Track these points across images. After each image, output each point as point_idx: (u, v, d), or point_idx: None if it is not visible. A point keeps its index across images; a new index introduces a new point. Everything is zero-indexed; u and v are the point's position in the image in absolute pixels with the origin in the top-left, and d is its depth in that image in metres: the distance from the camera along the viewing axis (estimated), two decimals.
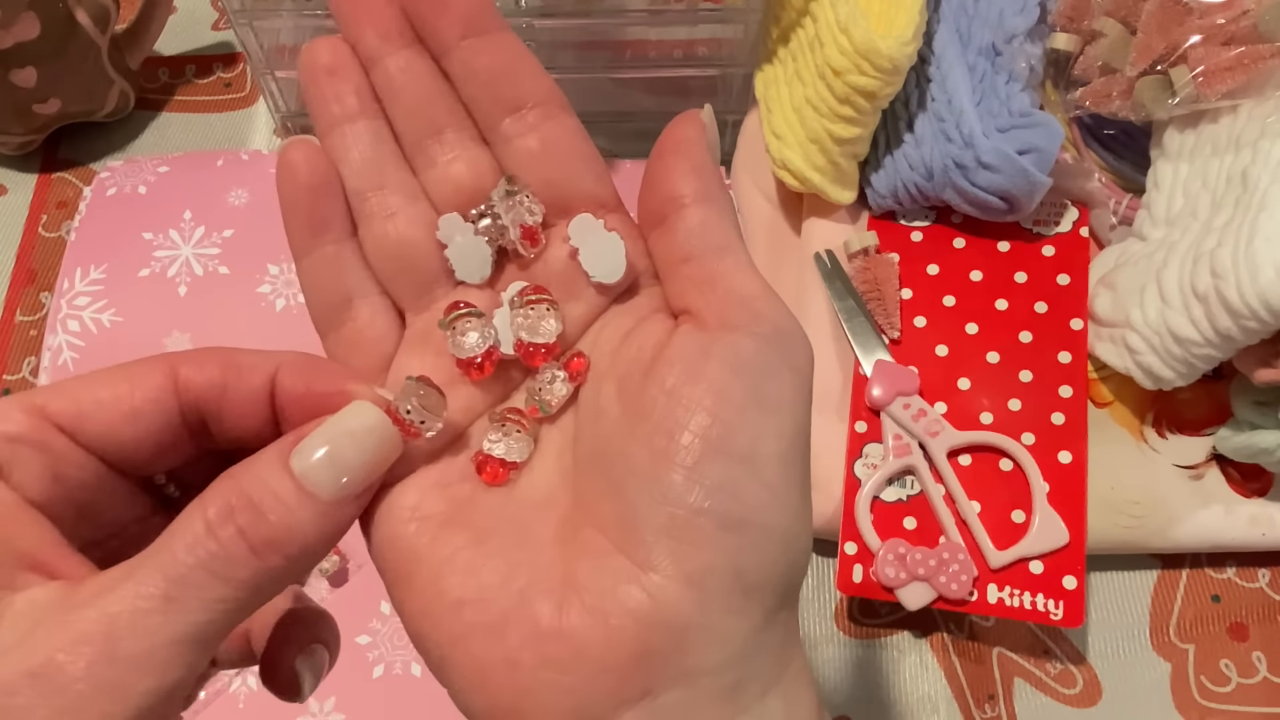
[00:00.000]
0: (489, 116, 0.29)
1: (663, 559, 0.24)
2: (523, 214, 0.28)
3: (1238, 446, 0.52)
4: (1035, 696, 0.52)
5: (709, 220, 0.27)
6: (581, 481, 0.27)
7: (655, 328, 0.27)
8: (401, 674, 0.50)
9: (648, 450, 0.24)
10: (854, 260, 0.56)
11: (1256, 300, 0.45)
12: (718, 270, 0.26)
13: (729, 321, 0.25)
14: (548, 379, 0.28)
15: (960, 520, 0.51)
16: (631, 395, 0.26)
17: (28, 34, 0.59)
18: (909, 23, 0.50)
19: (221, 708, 0.49)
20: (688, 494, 0.24)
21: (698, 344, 0.25)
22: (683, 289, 0.27)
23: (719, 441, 0.24)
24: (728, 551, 0.24)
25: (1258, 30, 0.50)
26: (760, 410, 0.25)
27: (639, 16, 0.60)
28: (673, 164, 0.27)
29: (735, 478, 0.24)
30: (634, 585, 0.24)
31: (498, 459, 0.27)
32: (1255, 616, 0.53)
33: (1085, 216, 0.56)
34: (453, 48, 0.28)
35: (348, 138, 0.28)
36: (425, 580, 0.26)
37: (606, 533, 0.25)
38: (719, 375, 0.25)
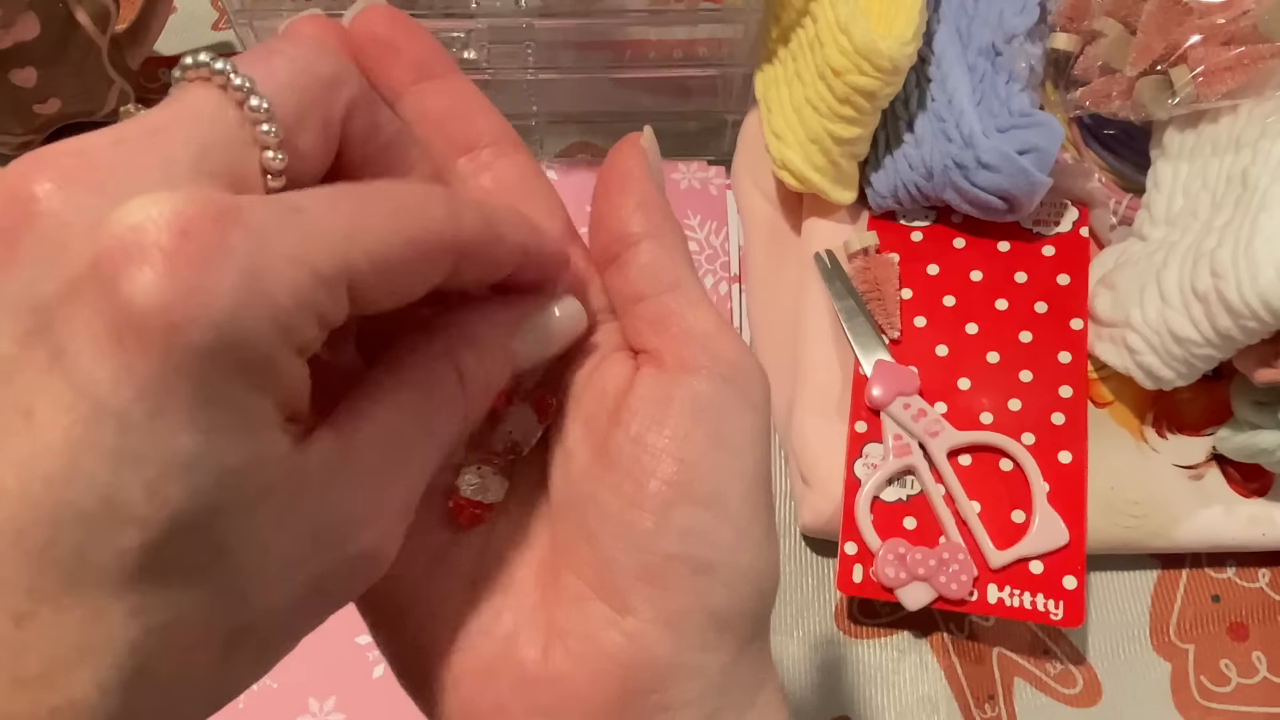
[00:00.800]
0: (443, 158, 0.28)
1: (640, 603, 0.24)
2: None
3: (1238, 446, 0.52)
4: (1035, 696, 0.52)
5: (658, 257, 0.27)
6: (557, 524, 0.27)
7: (617, 369, 0.27)
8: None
9: (618, 497, 0.25)
10: (854, 260, 0.56)
11: (1256, 300, 0.45)
12: (670, 309, 0.26)
13: (686, 362, 0.26)
14: (519, 418, 0.28)
15: (960, 520, 0.51)
16: (598, 440, 0.26)
17: (28, 34, 0.59)
18: (909, 23, 0.50)
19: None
20: (659, 540, 0.24)
21: (659, 388, 0.26)
22: (638, 328, 0.27)
23: (685, 487, 0.25)
24: (700, 593, 0.25)
25: (1258, 30, 0.50)
26: (722, 452, 0.25)
27: (639, 16, 0.60)
28: (618, 201, 0.27)
29: (703, 522, 0.25)
30: (614, 630, 0.24)
31: (474, 502, 0.27)
32: (1255, 616, 0.53)
33: (1085, 216, 0.56)
34: (405, 92, 0.28)
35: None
36: (413, 631, 0.26)
37: (584, 578, 0.25)
38: (680, 420, 0.25)
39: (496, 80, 0.62)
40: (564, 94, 0.64)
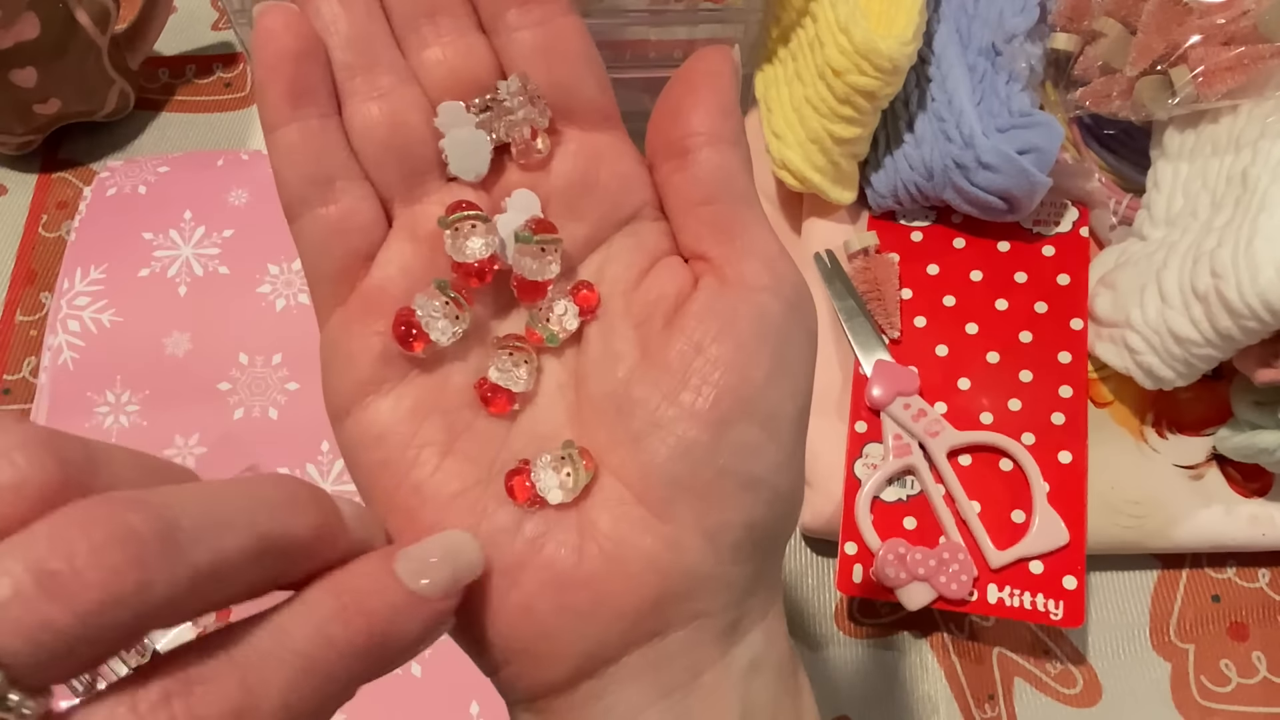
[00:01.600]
0: (493, 3, 0.26)
1: (683, 512, 0.24)
2: (534, 114, 0.26)
3: (1238, 446, 0.52)
4: (1035, 696, 0.51)
5: (731, 166, 0.26)
6: (592, 424, 0.26)
7: (674, 274, 0.26)
8: (401, 674, 0.50)
9: (672, 404, 0.24)
10: (854, 260, 0.56)
11: (1256, 300, 0.45)
12: (739, 221, 0.26)
13: (753, 280, 0.25)
14: (559, 310, 0.26)
15: (960, 520, 0.51)
16: (652, 344, 0.25)
17: (28, 34, 0.59)
18: (909, 23, 0.50)
19: None
20: (713, 453, 0.24)
21: (724, 300, 0.25)
22: (699, 233, 0.26)
23: (745, 404, 0.24)
24: (744, 509, 0.25)
25: (1258, 30, 0.50)
26: (783, 374, 0.25)
27: (639, 16, 0.60)
28: (699, 97, 0.26)
29: (757, 440, 0.25)
30: (653, 536, 0.24)
31: (502, 388, 0.26)
32: (1255, 616, 0.53)
33: (1085, 216, 0.56)
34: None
35: (335, 5, 0.26)
36: (431, 519, 0.25)
37: (624, 480, 0.25)
38: (747, 336, 0.25)
39: None
40: None
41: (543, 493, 0.25)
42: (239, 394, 0.56)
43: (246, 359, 0.57)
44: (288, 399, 0.56)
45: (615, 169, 0.27)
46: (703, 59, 0.26)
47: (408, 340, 0.25)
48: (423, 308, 0.25)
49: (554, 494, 0.25)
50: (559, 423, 0.27)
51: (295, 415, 0.56)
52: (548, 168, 0.27)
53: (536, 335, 0.26)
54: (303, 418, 0.56)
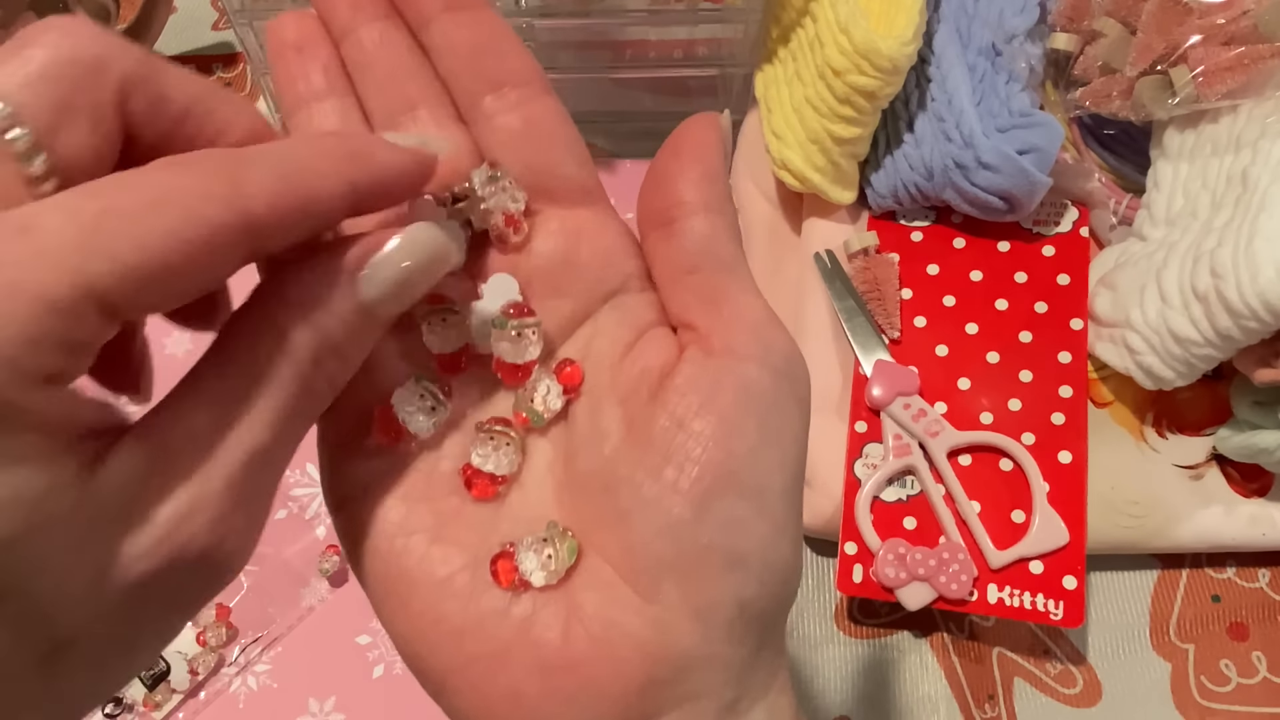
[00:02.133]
0: (469, 93, 0.27)
1: (670, 592, 0.24)
2: (505, 200, 0.26)
3: (1238, 446, 0.52)
4: (1035, 696, 0.52)
5: (717, 233, 0.26)
6: (579, 504, 0.26)
7: (659, 345, 0.26)
8: (402, 674, 0.50)
9: (656, 482, 0.24)
10: (854, 260, 0.56)
11: (1256, 300, 0.45)
12: (724, 289, 0.25)
13: (737, 349, 0.25)
14: (542, 390, 0.26)
15: (960, 520, 0.51)
16: (637, 420, 0.25)
17: None
18: (909, 23, 0.50)
19: (221, 708, 0.50)
20: (697, 530, 0.24)
21: (707, 372, 0.25)
22: (686, 302, 0.26)
23: (730, 478, 0.24)
24: (733, 586, 0.24)
25: (1258, 30, 0.50)
26: (769, 445, 0.24)
27: (639, 16, 0.60)
28: (686, 166, 0.26)
29: (743, 514, 0.24)
30: (640, 617, 0.24)
31: (486, 473, 0.26)
32: (1255, 616, 0.53)
33: (1085, 216, 0.56)
34: (434, 19, 0.27)
35: (314, 119, 0.27)
36: (420, 605, 0.25)
37: (610, 560, 0.24)
38: (730, 408, 0.24)
39: None
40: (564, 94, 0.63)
41: (526, 576, 0.25)
42: None
43: None
44: None
45: (597, 244, 0.27)
46: (689, 128, 0.26)
47: (389, 434, 0.26)
48: (401, 403, 0.26)
49: (536, 576, 0.24)
50: (547, 503, 0.26)
51: None
52: (528, 248, 0.27)
53: (522, 416, 0.26)
54: None
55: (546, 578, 0.24)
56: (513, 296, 0.27)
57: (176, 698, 0.49)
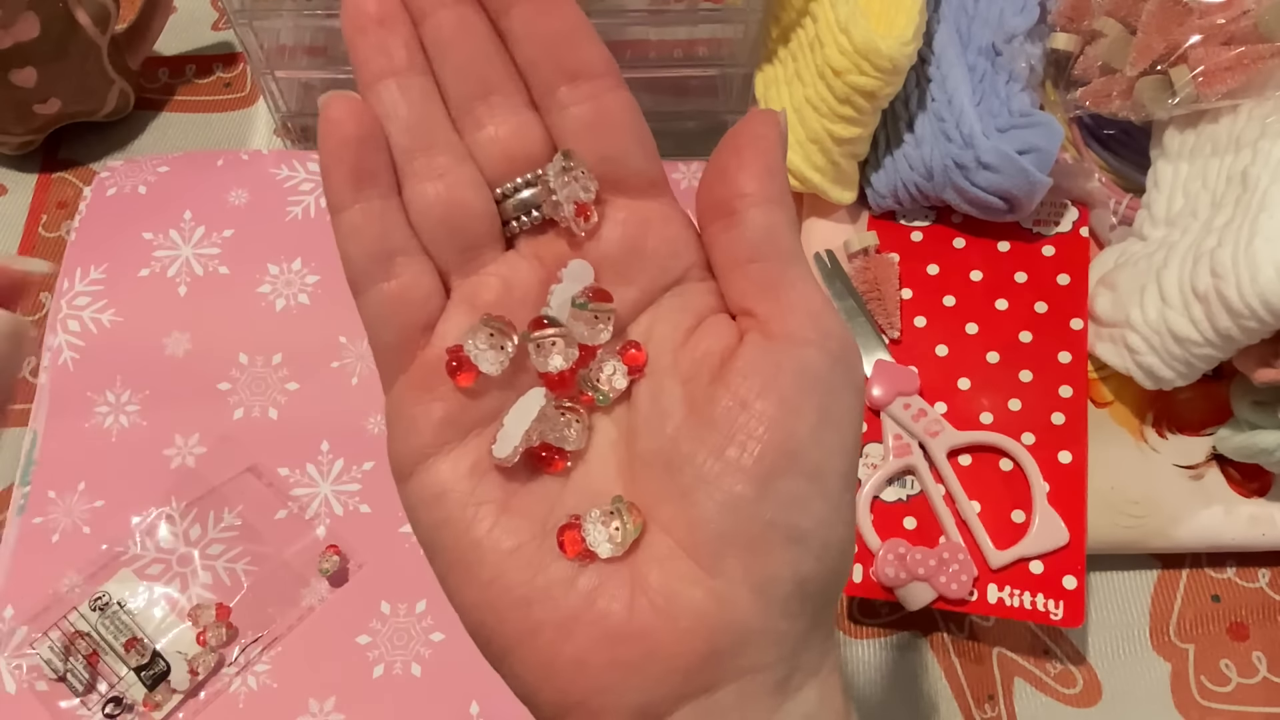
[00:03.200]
0: (545, 81, 0.27)
1: (732, 566, 0.24)
2: (577, 190, 0.27)
3: (1238, 446, 0.52)
4: (1035, 696, 0.51)
5: (777, 224, 0.27)
6: (642, 480, 0.27)
7: (720, 330, 0.27)
8: (401, 674, 0.50)
9: (718, 460, 0.25)
10: (854, 260, 0.56)
11: (1256, 300, 0.45)
12: (785, 278, 0.26)
13: (797, 334, 0.26)
14: (607, 371, 0.27)
15: (960, 520, 0.51)
16: (699, 401, 0.26)
17: (28, 34, 0.59)
18: (909, 23, 0.50)
19: (221, 708, 0.49)
20: (759, 507, 0.24)
21: (768, 355, 0.25)
22: (746, 290, 0.27)
23: (790, 457, 0.25)
24: (792, 562, 0.25)
25: (1258, 30, 0.50)
26: (828, 427, 0.25)
27: (639, 16, 0.60)
28: (747, 159, 0.27)
29: (804, 493, 0.25)
30: (702, 590, 0.25)
31: (555, 448, 0.27)
32: (1255, 616, 0.53)
33: (1085, 216, 0.56)
34: (514, 6, 0.27)
35: (395, 93, 0.27)
36: (489, 574, 0.26)
37: (674, 535, 0.25)
38: (791, 390, 0.25)
39: None
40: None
41: (593, 547, 0.26)
42: (239, 394, 0.56)
43: (246, 359, 0.57)
44: (288, 399, 0.56)
45: (663, 234, 0.28)
46: (749, 123, 0.27)
47: (456, 373, 0.27)
48: (470, 341, 0.27)
49: (603, 548, 0.26)
50: (610, 479, 0.27)
51: (295, 415, 0.56)
52: (598, 235, 0.28)
53: (587, 396, 0.28)
54: (302, 417, 0.56)
55: (613, 550, 0.25)
56: (589, 281, 0.28)
57: (176, 697, 0.49)
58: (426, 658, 0.51)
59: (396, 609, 0.52)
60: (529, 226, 0.28)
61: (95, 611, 0.50)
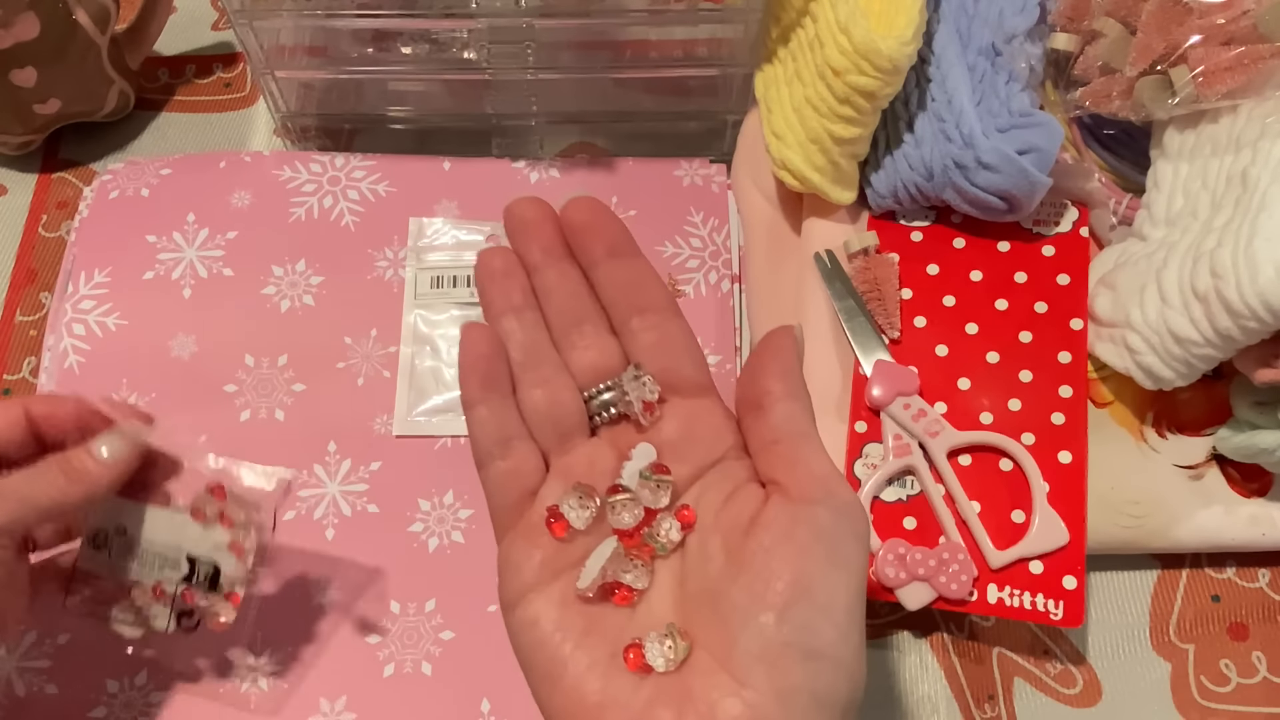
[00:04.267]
0: (621, 315, 0.38)
1: (759, 678, 0.31)
2: (645, 392, 0.37)
3: (1238, 446, 0.52)
4: (1035, 696, 0.52)
5: (794, 413, 0.35)
6: (690, 611, 0.34)
7: (752, 496, 0.35)
8: (412, 673, 0.51)
9: (748, 594, 0.32)
10: (854, 260, 0.57)
11: (1256, 300, 0.45)
12: (801, 454, 0.34)
13: (810, 496, 0.33)
14: (665, 527, 0.35)
15: (960, 520, 0.51)
16: (734, 549, 0.33)
17: (28, 34, 0.59)
18: (909, 23, 0.50)
19: (232, 707, 0.50)
20: (778, 630, 0.31)
21: (787, 513, 0.33)
22: (772, 464, 0.35)
23: (804, 592, 0.31)
24: (807, 675, 0.31)
25: (1258, 30, 0.49)
26: (834, 568, 0.32)
27: (639, 16, 0.60)
28: (770, 365, 0.36)
29: (814, 620, 0.31)
30: (736, 698, 0.31)
31: (626, 586, 0.35)
32: (1255, 616, 0.53)
33: (1085, 216, 0.56)
34: (600, 263, 0.38)
35: (514, 324, 0.38)
36: (570, 684, 0.33)
37: (714, 654, 0.32)
38: (804, 539, 0.32)
39: (497, 80, 0.62)
40: (564, 94, 0.64)
41: (650, 662, 0.33)
42: (245, 396, 0.56)
43: (252, 361, 0.57)
44: (294, 400, 0.56)
45: (709, 424, 0.37)
46: (772, 336, 0.36)
47: (553, 525, 0.36)
48: (565, 502, 0.36)
49: (658, 662, 0.33)
50: (667, 611, 0.35)
51: (302, 416, 0.56)
52: (659, 426, 0.37)
53: (650, 547, 0.36)
54: (309, 419, 0.56)
55: (666, 665, 0.33)
56: (653, 459, 0.36)
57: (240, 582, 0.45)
58: (437, 656, 0.51)
59: (406, 608, 0.52)
60: (608, 420, 0.38)
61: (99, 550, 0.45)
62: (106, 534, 0.45)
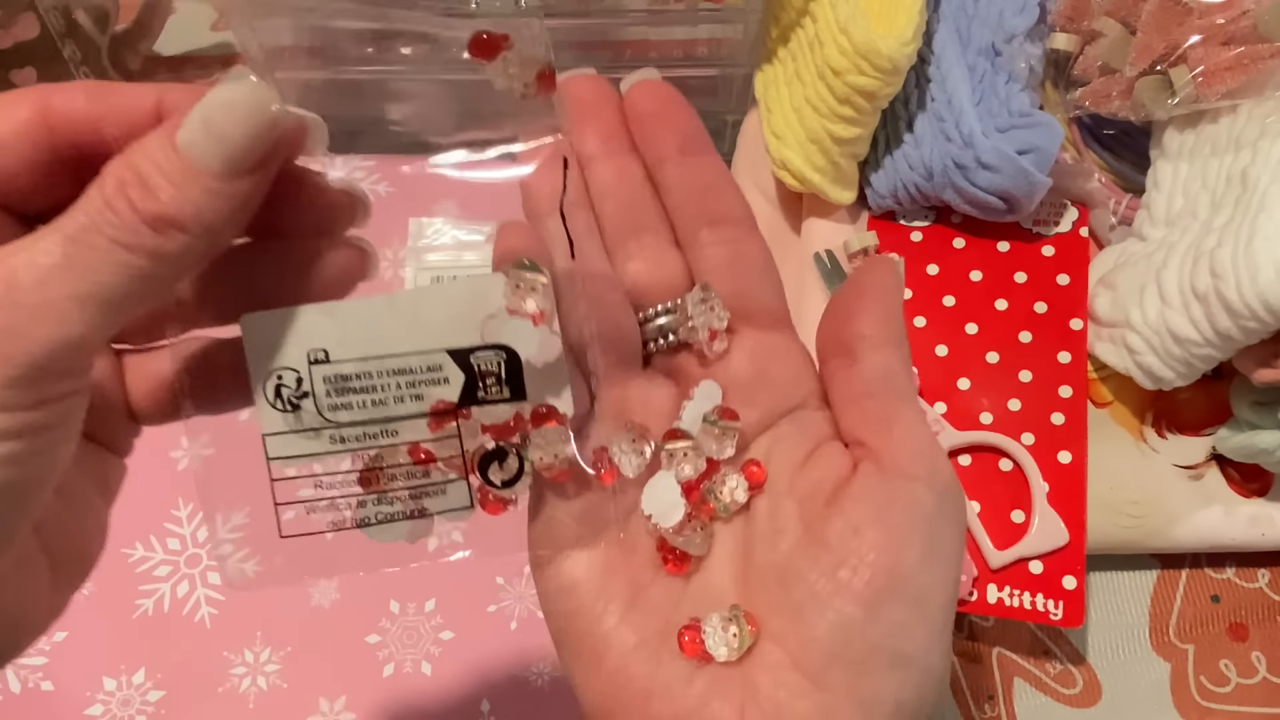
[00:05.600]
0: (689, 225, 0.31)
1: (838, 682, 0.26)
2: (711, 318, 0.30)
3: (1238, 446, 0.52)
4: (1035, 696, 0.52)
5: (893, 366, 0.29)
6: (756, 591, 0.28)
7: (835, 458, 0.29)
8: (412, 672, 0.51)
9: (830, 580, 0.27)
10: (854, 260, 0.56)
11: (1256, 300, 0.45)
12: (897, 415, 0.28)
13: (908, 469, 0.27)
14: (731, 484, 0.30)
15: None
16: (813, 521, 0.28)
17: (28, 34, 0.59)
18: (909, 23, 0.50)
19: (231, 708, 0.50)
20: (867, 629, 0.26)
21: (882, 487, 0.27)
22: (861, 422, 0.29)
23: (898, 584, 0.26)
24: (894, 684, 0.26)
25: (1258, 30, 0.49)
26: (935, 560, 0.27)
27: (639, 16, 0.60)
28: (868, 304, 0.29)
29: (908, 620, 0.26)
30: (809, 702, 0.26)
31: (681, 552, 0.29)
32: (1255, 616, 0.53)
33: (1085, 216, 0.56)
34: (668, 160, 0.31)
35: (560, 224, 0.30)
36: (613, 665, 0.28)
37: (784, 647, 0.27)
38: (902, 523, 0.27)
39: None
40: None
41: (711, 650, 0.27)
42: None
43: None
44: None
45: (785, 364, 0.31)
46: (874, 271, 0.30)
47: (599, 470, 0.29)
48: (615, 444, 0.29)
49: (720, 651, 0.27)
50: (726, 586, 0.29)
51: None
52: (726, 361, 0.31)
53: (710, 506, 0.30)
54: None
55: (728, 654, 0.27)
56: (717, 401, 0.30)
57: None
58: (437, 656, 0.51)
59: (405, 608, 0.52)
60: (664, 349, 0.31)
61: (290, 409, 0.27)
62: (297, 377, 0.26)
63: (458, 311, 0.26)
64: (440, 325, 0.26)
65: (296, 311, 0.26)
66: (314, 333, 0.26)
